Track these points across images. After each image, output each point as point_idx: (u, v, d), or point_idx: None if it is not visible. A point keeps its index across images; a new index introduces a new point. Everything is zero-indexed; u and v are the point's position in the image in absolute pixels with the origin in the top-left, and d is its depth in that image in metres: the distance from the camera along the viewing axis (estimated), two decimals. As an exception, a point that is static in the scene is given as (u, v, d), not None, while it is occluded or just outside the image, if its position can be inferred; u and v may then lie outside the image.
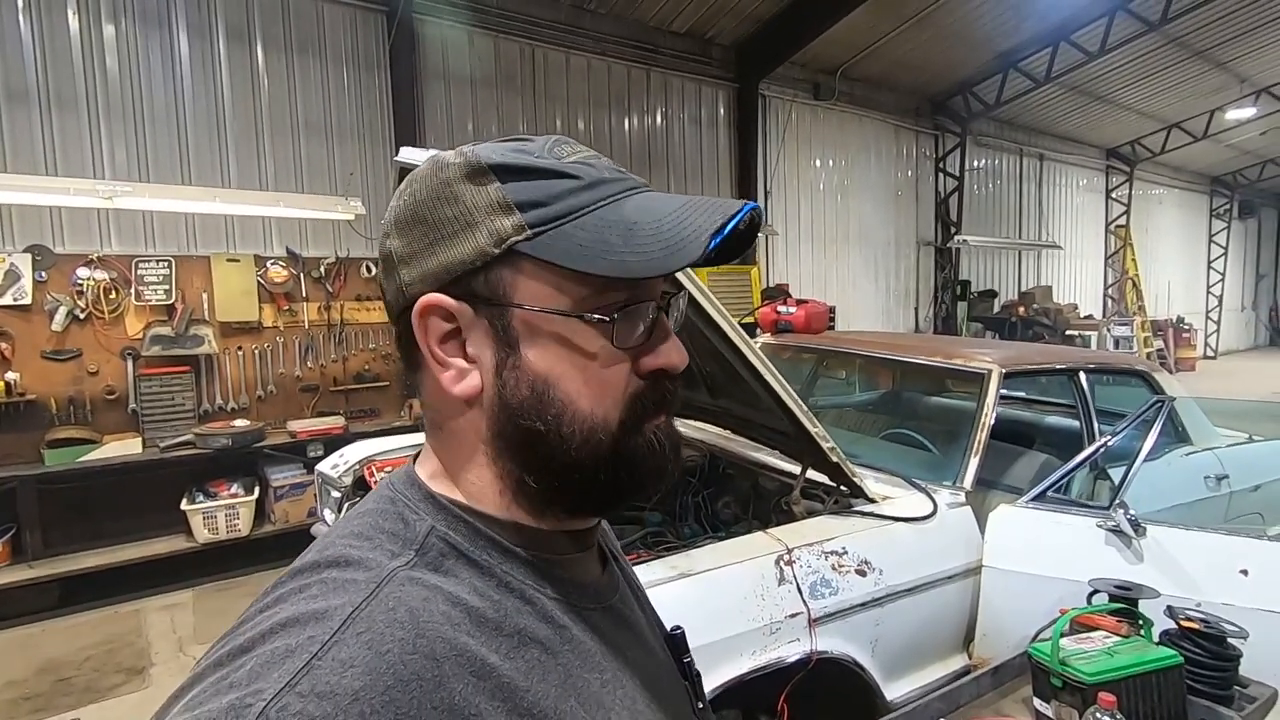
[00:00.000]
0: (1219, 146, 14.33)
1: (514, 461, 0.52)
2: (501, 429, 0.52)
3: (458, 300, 0.51)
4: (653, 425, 0.54)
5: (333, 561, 0.47)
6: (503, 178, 0.50)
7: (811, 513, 2.22)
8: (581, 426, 0.51)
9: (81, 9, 4.51)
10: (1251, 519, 2.88)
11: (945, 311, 10.89)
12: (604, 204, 0.50)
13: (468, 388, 0.52)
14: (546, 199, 0.49)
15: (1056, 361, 2.97)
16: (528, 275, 0.50)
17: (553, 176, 0.50)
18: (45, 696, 3.13)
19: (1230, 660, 1.52)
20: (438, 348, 0.52)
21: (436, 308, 0.51)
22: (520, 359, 0.51)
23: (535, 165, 0.50)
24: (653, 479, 0.55)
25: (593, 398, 0.51)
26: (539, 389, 0.50)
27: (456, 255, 0.50)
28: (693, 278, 1.80)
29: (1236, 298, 18.94)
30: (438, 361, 0.52)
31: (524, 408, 0.51)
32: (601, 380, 0.51)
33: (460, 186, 0.51)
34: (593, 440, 0.51)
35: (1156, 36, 9.21)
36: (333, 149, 5.48)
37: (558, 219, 0.49)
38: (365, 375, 5.32)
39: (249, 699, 0.38)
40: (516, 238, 0.49)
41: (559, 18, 6.58)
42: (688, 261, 0.47)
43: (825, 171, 9.23)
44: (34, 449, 4.09)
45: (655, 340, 0.54)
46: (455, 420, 0.54)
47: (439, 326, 0.52)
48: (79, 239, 4.50)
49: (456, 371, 0.52)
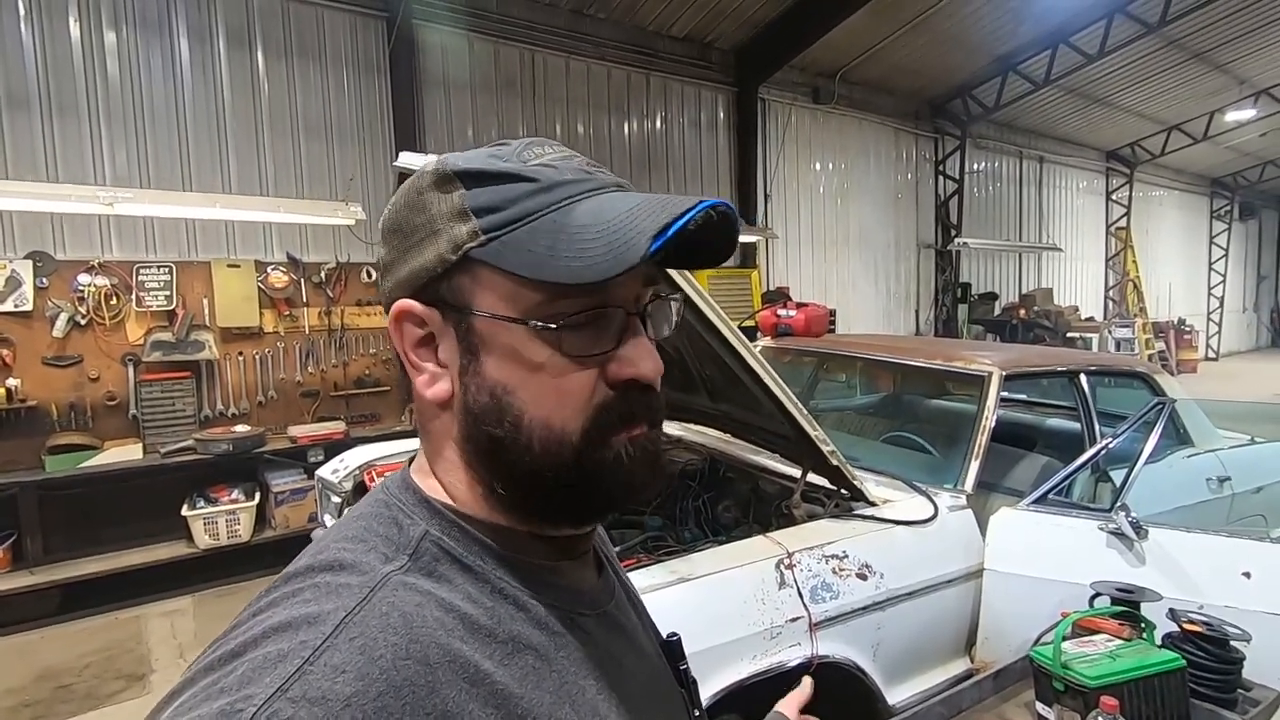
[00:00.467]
0: (1219, 148, 14.34)
1: (483, 467, 0.52)
2: (469, 433, 0.52)
3: (427, 306, 0.52)
4: (623, 438, 0.52)
5: (326, 565, 0.47)
6: (468, 184, 0.50)
7: (812, 516, 2.22)
8: (539, 436, 0.50)
9: (82, 15, 4.53)
10: (1254, 521, 2.87)
11: (946, 314, 10.88)
12: (558, 207, 0.49)
13: (439, 392, 0.52)
14: (503, 204, 0.49)
15: (1057, 364, 2.96)
16: (484, 282, 0.50)
17: (512, 180, 0.49)
18: (45, 704, 3.12)
19: (1233, 663, 1.51)
20: (412, 352, 0.53)
21: (408, 314, 0.52)
22: (480, 365, 0.51)
23: (498, 170, 0.50)
24: (621, 494, 0.53)
25: (549, 407, 0.50)
26: (497, 395, 0.50)
27: (422, 262, 0.51)
28: (691, 281, 1.80)
29: (1238, 299, 18.92)
30: (412, 365, 0.53)
31: (485, 414, 0.51)
32: (558, 389, 0.50)
33: (429, 195, 0.51)
34: (552, 450, 0.50)
35: (1155, 39, 9.22)
36: (333, 154, 5.49)
37: (511, 224, 0.48)
38: (366, 380, 5.32)
39: (239, 704, 0.37)
40: (471, 244, 0.49)
41: (558, 23, 6.59)
42: (627, 266, 0.45)
43: (825, 175, 9.24)
44: (35, 455, 4.09)
45: (625, 349, 0.51)
46: (433, 423, 0.55)
47: (413, 332, 0.53)
48: (80, 245, 4.51)
49: (429, 375, 0.53)
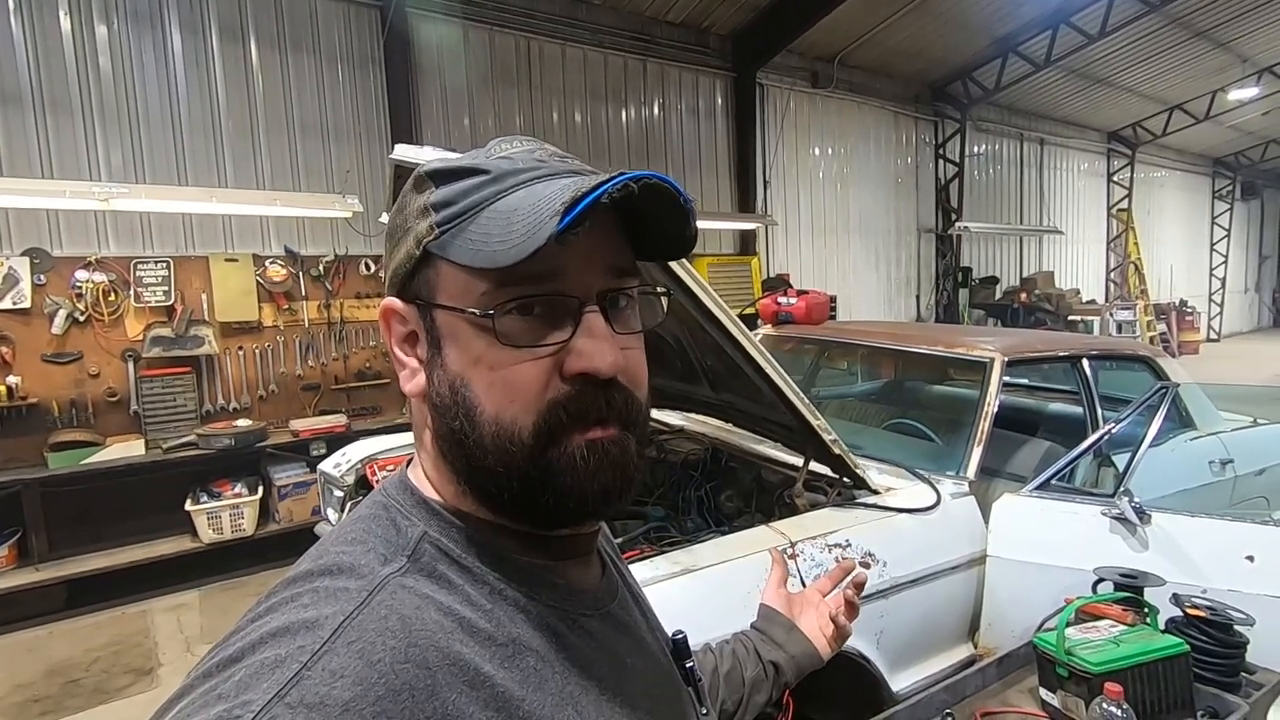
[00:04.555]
0: (1221, 128, 14.23)
1: (451, 462, 0.52)
2: (437, 428, 0.53)
3: (406, 303, 0.53)
4: (580, 440, 0.49)
5: (325, 570, 0.47)
6: (436, 182, 0.52)
7: (814, 505, 2.21)
8: (489, 431, 0.49)
9: (73, 10, 4.48)
10: (1257, 503, 2.87)
11: (947, 299, 10.85)
12: (502, 195, 0.49)
13: (415, 387, 0.54)
14: (456, 198, 0.50)
15: (1059, 348, 2.95)
16: (443, 275, 0.51)
17: (468, 175, 0.50)
18: (54, 699, 3.14)
19: (1237, 647, 1.51)
20: (398, 348, 0.55)
21: (391, 311, 0.54)
22: (443, 358, 0.51)
23: (459, 166, 0.51)
24: (574, 501, 0.50)
25: (497, 400, 0.49)
26: (455, 388, 0.50)
27: (398, 260, 0.53)
28: (691, 271, 1.79)
29: (1239, 280, 18.86)
30: (397, 361, 0.55)
31: (445, 407, 0.51)
32: (505, 382, 0.48)
33: (408, 196, 0.54)
34: (502, 447, 0.48)
35: (1157, 17, 9.13)
36: (329, 146, 5.46)
37: (460, 216, 0.49)
38: (367, 373, 5.32)
39: (237, 710, 0.37)
40: (428, 239, 0.50)
41: (554, 10, 6.53)
42: (537, 246, 0.44)
43: (825, 160, 9.18)
44: (37, 452, 4.10)
45: (578, 341, 0.49)
46: (417, 418, 0.56)
47: (398, 329, 0.55)
48: (77, 241, 4.49)
49: (410, 370, 0.54)
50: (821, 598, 0.98)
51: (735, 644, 0.93)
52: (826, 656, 0.93)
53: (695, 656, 0.70)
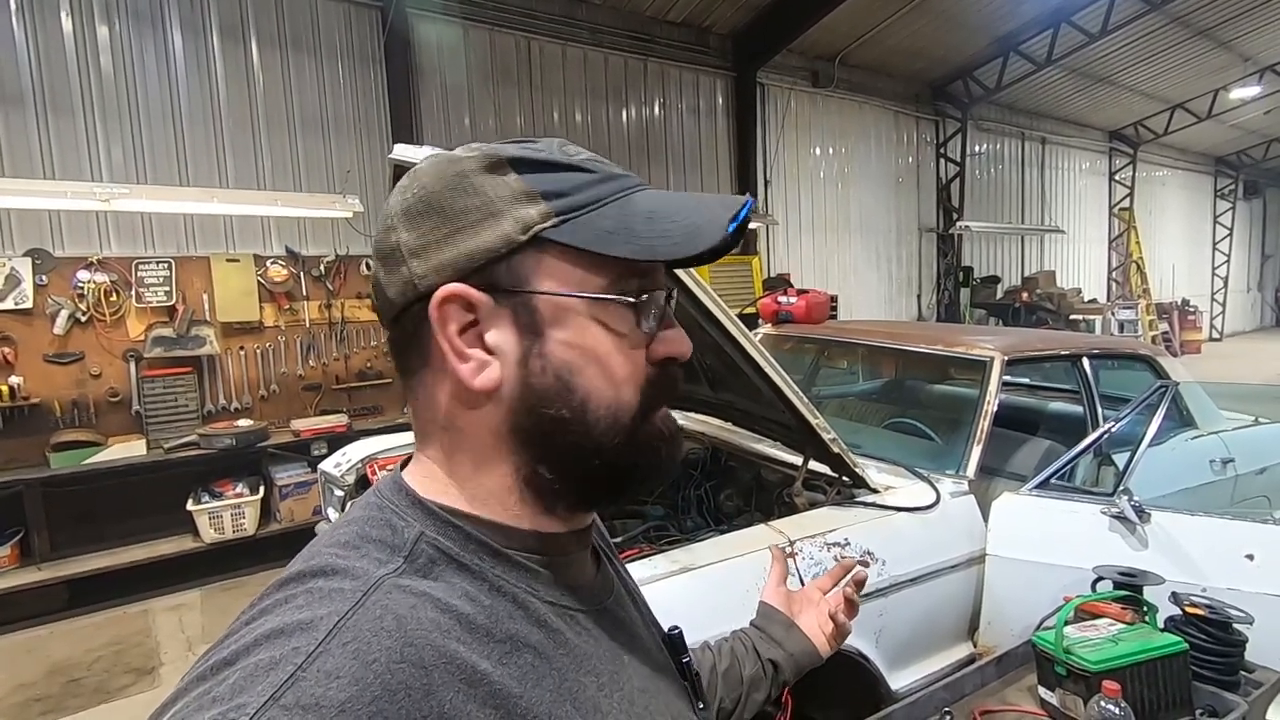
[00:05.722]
0: (1223, 126, 14.21)
1: (529, 454, 0.52)
2: (519, 421, 0.51)
3: (479, 290, 0.50)
4: (660, 414, 0.56)
5: (319, 571, 0.46)
6: (520, 169, 0.51)
7: (814, 504, 2.21)
8: (606, 412, 0.52)
9: (75, 10, 4.49)
10: (1258, 503, 2.87)
11: (948, 299, 10.84)
12: (621, 195, 0.53)
13: (488, 380, 0.50)
14: (569, 190, 0.51)
15: (1059, 347, 2.95)
16: (551, 262, 0.51)
17: (569, 170, 0.52)
18: (55, 698, 3.15)
19: (1236, 646, 1.51)
20: (459, 339, 0.51)
21: (457, 297, 0.50)
22: (545, 346, 0.51)
23: (551, 159, 0.52)
24: (662, 466, 0.56)
25: (616, 383, 0.52)
26: (564, 375, 0.51)
27: (480, 243, 0.50)
28: (690, 272, 1.79)
29: (1242, 279, 18.83)
30: (456, 353, 0.50)
31: (548, 395, 0.51)
32: (624, 365, 0.53)
33: (480, 178, 0.51)
34: (616, 426, 0.52)
35: (1158, 16, 9.12)
36: (330, 146, 5.46)
37: (581, 208, 0.51)
38: (368, 373, 5.32)
39: (232, 713, 0.37)
40: (543, 224, 0.50)
41: (554, 10, 6.54)
42: (708, 245, 0.50)
43: (825, 159, 9.17)
44: (39, 452, 4.11)
45: (667, 330, 0.56)
46: (467, 416, 0.52)
47: (459, 317, 0.51)
48: (78, 242, 4.50)
49: (477, 363, 0.51)
50: (821, 595, 0.98)
51: (734, 642, 0.93)
52: (825, 655, 0.93)
53: (693, 654, 0.70)
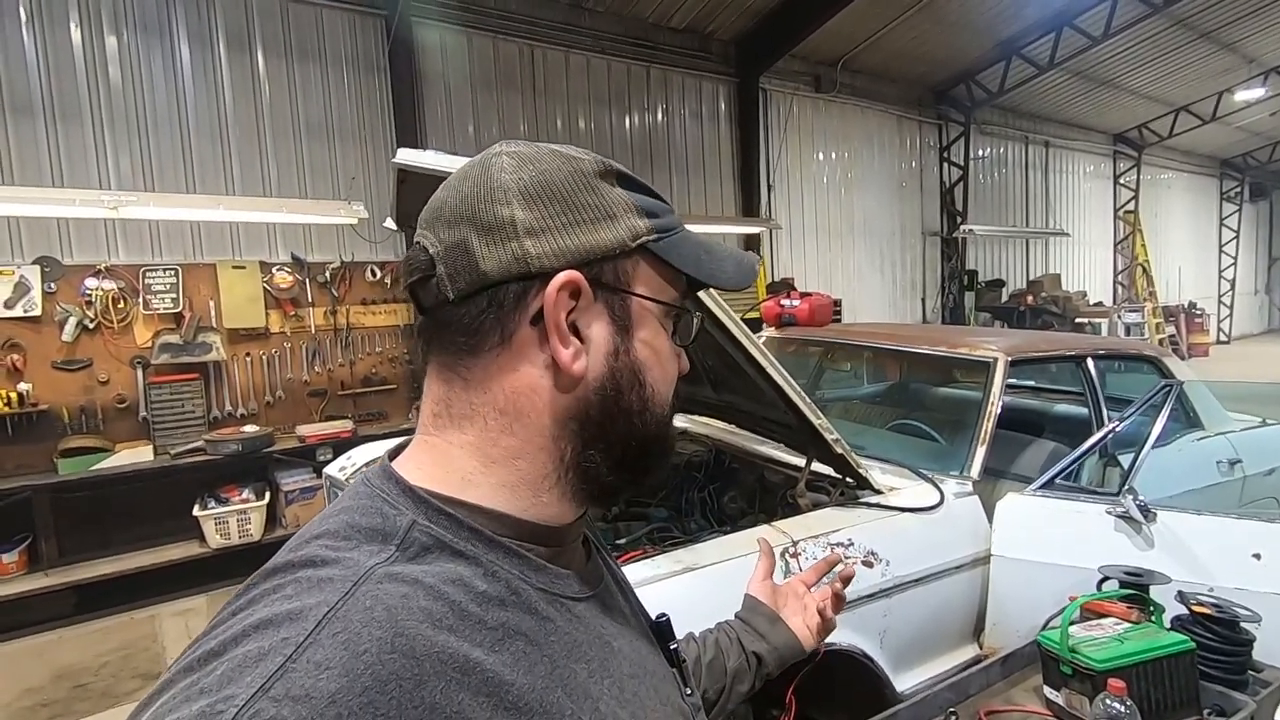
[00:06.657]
0: (1228, 128, 14.16)
1: (585, 438, 0.55)
2: (588, 409, 0.54)
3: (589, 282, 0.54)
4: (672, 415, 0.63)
5: (308, 560, 0.46)
6: (624, 184, 0.57)
7: (817, 505, 2.21)
8: (659, 408, 0.59)
9: (84, 21, 4.54)
10: (1266, 504, 2.84)
11: (952, 302, 10.82)
12: (681, 229, 0.60)
13: (582, 366, 0.53)
14: (659, 212, 0.58)
15: (1063, 349, 2.94)
16: (646, 270, 0.57)
17: (655, 196, 0.59)
18: (63, 703, 3.16)
19: (1243, 645, 1.50)
20: (565, 324, 0.52)
21: (573, 284, 0.52)
22: (630, 344, 0.56)
23: (643, 183, 0.59)
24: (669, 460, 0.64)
25: (668, 384, 0.60)
26: (638, 372, 0.56)
27: (600, 241, 0.54)
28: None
29: (1249, 281, 18.72)
30: (562, 336, 0.52)
31: (622, 388, 0.55)
32: (673, 367, 0.61)
33: (598, 181, 0.56)
34: (659, 420, 0.59)
35: (1161, 18, 9.10)
36: (335, 153, 5.50)
37: (669, 230, 0.58)
38: (373, 379, 5.34)
39: (220, 705, 0.36)
40: (648, 238, 0.56)
41: (557, 17, 6.57)
42: (750, 282, 0.64)
43: (828, 164, 9.18)
44: (47, 458, 4.13)
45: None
46: (538, 399, 0.53)
47: (566, 304, 0.52)
48: (86, 250, 4.53)
49: (576, 349, 0.53)
50: (806, 589, 0.98)
51: (719, 633, 0.94)
52: (809, 649, 0.94)
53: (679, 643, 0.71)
